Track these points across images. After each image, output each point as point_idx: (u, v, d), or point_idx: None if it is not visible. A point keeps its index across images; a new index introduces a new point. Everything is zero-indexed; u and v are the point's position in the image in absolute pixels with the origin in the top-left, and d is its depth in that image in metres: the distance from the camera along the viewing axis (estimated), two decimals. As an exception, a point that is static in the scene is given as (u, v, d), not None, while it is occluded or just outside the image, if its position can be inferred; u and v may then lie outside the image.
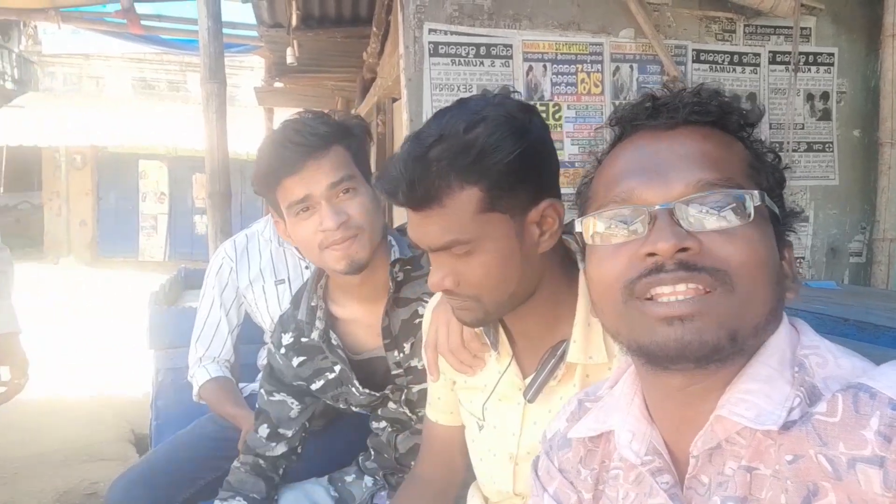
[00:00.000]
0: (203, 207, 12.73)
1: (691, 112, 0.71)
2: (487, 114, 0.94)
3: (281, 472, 1.55)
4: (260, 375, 1.66)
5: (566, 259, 1.07)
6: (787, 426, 0.63)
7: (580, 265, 1.04)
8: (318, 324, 1.40)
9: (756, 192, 0.66)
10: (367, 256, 1.30)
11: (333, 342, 1.40)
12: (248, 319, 2.06)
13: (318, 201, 1.28)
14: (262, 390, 1.53)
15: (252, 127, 8.57)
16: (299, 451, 1.56)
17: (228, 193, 2.25)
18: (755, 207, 0.65)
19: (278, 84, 6.05)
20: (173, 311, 2.48)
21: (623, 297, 0.67)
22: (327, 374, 1.45)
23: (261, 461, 1.53)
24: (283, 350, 1.47)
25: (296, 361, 1.46)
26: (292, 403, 1.50)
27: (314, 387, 1.47)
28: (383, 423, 1.50)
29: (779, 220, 0.70)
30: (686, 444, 0.70)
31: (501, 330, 1.10)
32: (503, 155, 0.92)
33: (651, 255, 0.65)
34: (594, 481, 0.80)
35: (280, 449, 1.52)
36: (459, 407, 1.23)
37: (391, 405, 1.45)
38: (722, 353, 0.64)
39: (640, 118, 0.74)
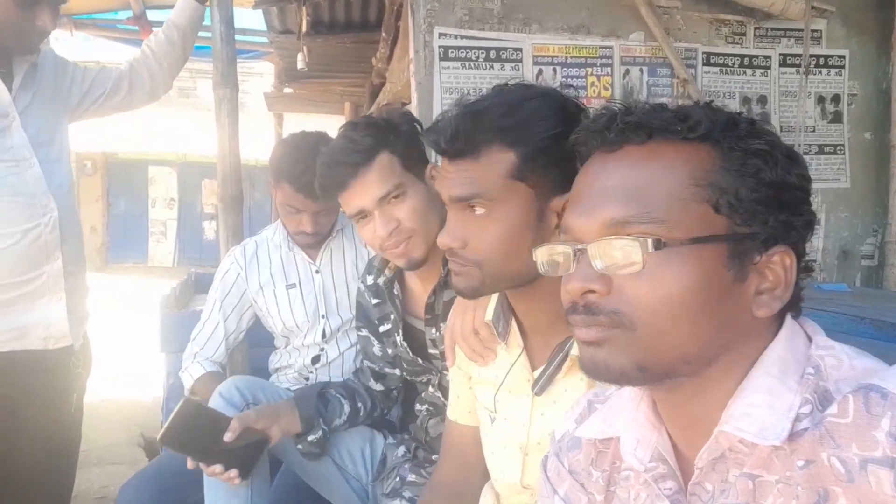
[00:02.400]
0: (212, 213, 12.80)
1: (623, 132, 0.69)
2: (545, 92, 1.01)
3: (381, 410, 1.74)
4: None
5: None
6: (796, 435, 0.62)
7: None
8: (387, 272, 1.54)
9: (648, 241, 0.64)
10: (423, 254, 1.39)
11: (395, 292, 1.53)
12: (259, 323, 2.07)
13: (370, 211, 1.38)
14: (356, 326, 1.72)
15: (262, 133, 8.59)
16: (393, 395, 1.74)
17: (240, 197, 2.25)
18: (654, 252, 0.64)
19: (288, 90, 6.08)
20: (184, 314, 2.50)
21: (568, 324, 0.72)
22: (392, 316, 1.58)
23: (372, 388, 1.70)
24: (367, 290, 1.62)
25: (373, 301, 1.60)
26: (373, 339, 1.64)
27: (382, 328, 1.60)
28: (425, 406, 1.60)
29: (746, 236, 0.65)
30: (692, 448, 0.70)
31: (514, 322, 1.12)
32: (545, 128, 0.97)
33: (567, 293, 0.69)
34: (605, 483, 0.80)
35: (377, 386, 1.69)
36: (476, 403, 1.25)
37: (430, 389, 1.56)
38: (632, 379, 0.67)
39: (589, 137, 0.73)
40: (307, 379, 2.03)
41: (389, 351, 1.62)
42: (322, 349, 1.98)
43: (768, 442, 0.62)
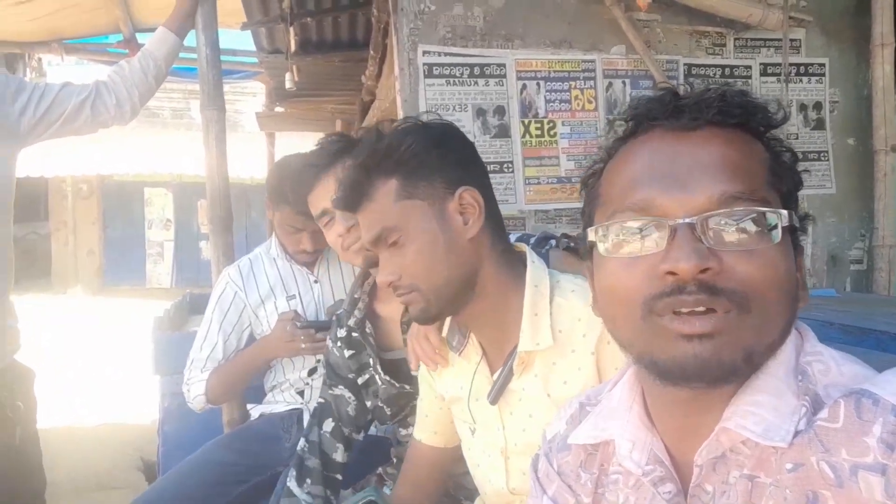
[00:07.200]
0: (208, 233, 12.77)
1: (717, 112, 0.66)
2: (402, 121, 1.13)
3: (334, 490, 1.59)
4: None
5: (513, 260, 1.13)
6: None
7: (528, 265, 1.12)
8: (356, 313, 1.54)
9: (784, 213, 0.63)
10: None
11: (367, 331, 1.53)
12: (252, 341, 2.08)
13: (333, 213, 1.44)
14: (324, 385, 1.64)
15: (257, 152, 8.63)
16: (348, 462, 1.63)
17: (230, 218, 2.27)
18: (783, 227, 0.62)
19: (279, 109, 6.11)
20: (178, 336, 2.50)
21: (642, 313, 0.65)
22: (370, 368, 1.55)
23: (325, 470, 1.56)
24: (338, 343, 1.58)
25: (347, 353, 1.58)
26: (349, 398, 1.59)
27: (360, 380, 1.58)
28: (411, 430, 1.57)
29: (796, 230, 0.67)
30: (689, 451, 0.69)
31: (472, 336, 1.17)
32: (406, 147, 1.07)
33: (671, 273, 0.62)
34: (594, 485, 0.79)
35: (340, 456, 1.59)
36: (454, 421, 1.27)
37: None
38: (738, 373, 0.63)
39: (659, 115, 0.69)
40: (301, 393, 2.05)
41: (368, 403, 1.59)
42: (318, 360, 1.99)
43: (773, 443, 0.62)
